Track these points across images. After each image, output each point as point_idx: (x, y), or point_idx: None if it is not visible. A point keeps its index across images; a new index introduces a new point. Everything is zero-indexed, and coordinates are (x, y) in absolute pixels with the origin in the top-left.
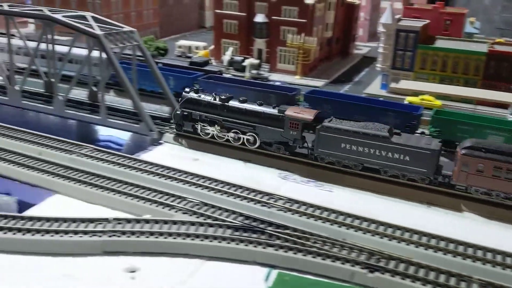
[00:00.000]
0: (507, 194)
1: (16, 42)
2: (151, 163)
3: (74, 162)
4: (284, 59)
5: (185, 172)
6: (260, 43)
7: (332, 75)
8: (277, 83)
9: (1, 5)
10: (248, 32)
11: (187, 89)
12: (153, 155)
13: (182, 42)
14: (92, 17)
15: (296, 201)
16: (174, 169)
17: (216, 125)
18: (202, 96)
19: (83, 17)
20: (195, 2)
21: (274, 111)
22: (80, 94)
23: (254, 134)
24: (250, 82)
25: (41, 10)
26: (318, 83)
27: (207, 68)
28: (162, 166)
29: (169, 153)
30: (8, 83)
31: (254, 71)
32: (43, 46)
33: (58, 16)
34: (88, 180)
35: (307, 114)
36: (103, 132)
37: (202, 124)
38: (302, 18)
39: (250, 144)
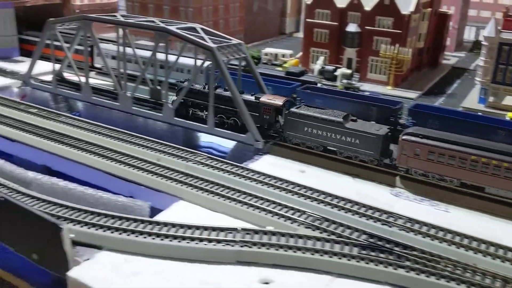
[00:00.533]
0: (440, 175)
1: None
2: (263, 174)
3: (191, 169)
4: (376, 69)
5: (301, 186)
6: (351, 52)
7: (424, 87)
8: (380, 96)
9: (115, 15)
10: (339, 41)
11: (181, 81)
12: (260, 165)
13: (268, 50)
14: (202, 29)
15: (417, 221)
16: (287, 181)
17: (205, 111)
18: (195, 85)
19: (194, 29)
20: (278, 9)
21: (251, 98)
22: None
23: (236, 119)
24: (350, 93)
25: (154, 22)
26: (411, 94)
27: (303, 78)
28: (275, 178)
29: (274, 163)
30: (120, 89)
31: (345, 81)
32: (144, 53)
33: (172, 28)
34: (209, 188)
35: (278, 101)
36: (204, 139)
37: (193, 109)
38: (397, 29)
39: (233, 128)
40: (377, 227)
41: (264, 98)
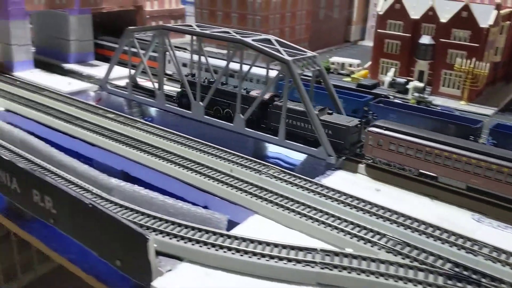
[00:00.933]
0: (400, 165)
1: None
2: (338, 191)
3: (264, 182)
4: (449, 83)
5: (378, 206)
6: (423, 65)
7: (500, 102)
8: (455, 112)
9: (190, 25)
10: (410, 53)
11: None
12: (333, 180)
13: (336, 59)
14: (276, 40)
15: (504, 251)
16: (364, 200)
17: (225, 110)
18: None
19: (269, 41)
20: (344, 16)
21: (243, 92)
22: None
23: (229, 110)
24: (426, 109)
25: (229, 32)
26: (486, 110)
27: (375, 91)
28: (351, 196)
29: (348, 180)
30: (193, 98)
31: (416, 94)
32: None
33: (248, 40)
34: (284, 204)
35: (265, 95)
36: (271, 149)
37: (218, 107)
38: (475, 42)
39: (228, 119)
40: (461, 255)
41: (253, 92)
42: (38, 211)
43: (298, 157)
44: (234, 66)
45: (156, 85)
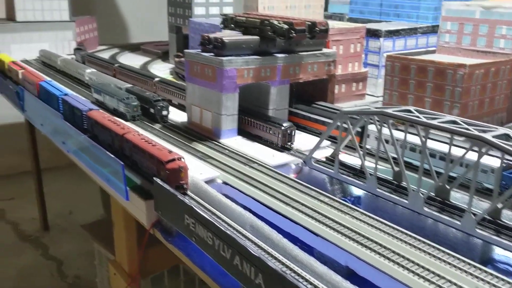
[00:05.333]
0: None
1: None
2: None
3: None
4: None
5: None
6: None
7: None
8: None
9: (409, 110)
10: None
11: None
12: None
13: None
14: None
15: None
16: None
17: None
18: None
19: (508, 136)
20: None
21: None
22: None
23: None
24: None
25: (456, 122)
26: None
27: None
28: None
29: None
30: (408, 183)
31: None
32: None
33: (487, 136)
34: None
35: None
36: (499, 251)
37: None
38: None
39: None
40: None
41: None
42: None
43: None
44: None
45: (367, 163)
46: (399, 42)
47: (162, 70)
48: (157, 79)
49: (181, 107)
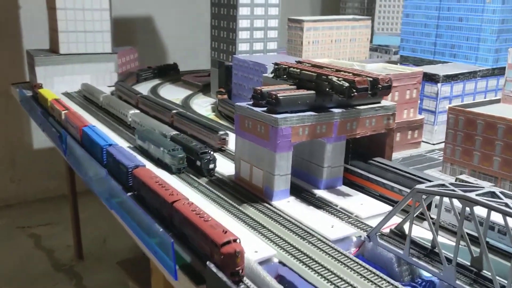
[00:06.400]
0: None
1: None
2: None
3: None
4: None
5: None
6: None
7: None
8: None
9: (494, 193)
10: None
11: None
12: None
13: None
14: None
15: None
16: None
17: None
18: None
19: None
20: None
21: None
22: None
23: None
24: None
25: None
26: None
27: None
28: None
29: None
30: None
31: None
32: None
33: None
34: None
35: None
36: None
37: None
38: None
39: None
40: None
41: None
42: None
43: None
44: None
45: (444, 251)
46: (457, 86)
47: (204, 106)
48: (174, 111)
49: (225, 155)
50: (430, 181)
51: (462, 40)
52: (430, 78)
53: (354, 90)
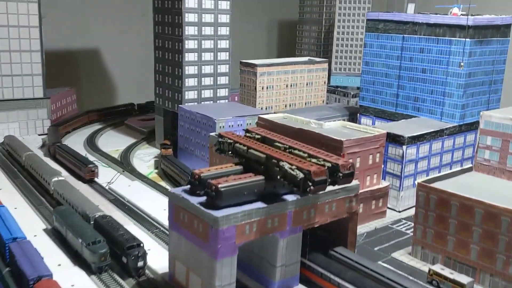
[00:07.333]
0: None
1: None
2: None
3: None
4: None
5: None
6: None
7: None
8: None
9: None
10: None
11: None
12: None
13: None
14: None
15: None
16: None
17: None
18: None
19: None
20: None
21: None
22: None
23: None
24: None
25: None
26: None
27: None
28: None
29: None
30: None
31: None
32: None
33: None
34: None
35: None
36: None
37: None
38: None
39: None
40: None
41: None
42: None
43: None
44: None
45: None
46: (424, 147)
47: (146, 161)
48: (57, 143)
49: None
50: (397, 283)
51: (426, 94)
52: (394, 140)
53: (310, 183)
